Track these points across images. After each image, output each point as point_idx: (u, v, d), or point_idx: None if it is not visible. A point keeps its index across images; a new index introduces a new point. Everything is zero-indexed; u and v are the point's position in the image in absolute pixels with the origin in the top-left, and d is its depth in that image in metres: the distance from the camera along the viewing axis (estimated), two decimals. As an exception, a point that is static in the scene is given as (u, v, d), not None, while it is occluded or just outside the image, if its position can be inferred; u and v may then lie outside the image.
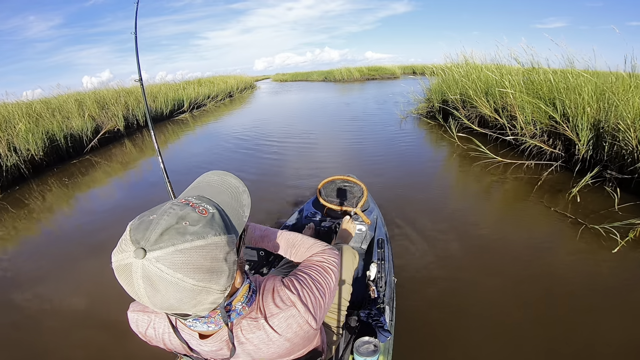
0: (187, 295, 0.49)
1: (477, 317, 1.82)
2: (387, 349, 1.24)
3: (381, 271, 1.48)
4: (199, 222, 0.51)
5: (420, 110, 7.45)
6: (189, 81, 14.39)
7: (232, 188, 0.67)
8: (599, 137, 3.36)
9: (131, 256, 0.47)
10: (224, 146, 6.14)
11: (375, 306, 1.31)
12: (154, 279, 0.47)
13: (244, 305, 0.64)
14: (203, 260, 0.49)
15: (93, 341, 1.85)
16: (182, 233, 0.49)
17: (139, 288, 0.48)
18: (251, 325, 0.64)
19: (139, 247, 0.47)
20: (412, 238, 2.57)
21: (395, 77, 21.96)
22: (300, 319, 0.65)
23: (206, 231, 0.51)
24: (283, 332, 0.64)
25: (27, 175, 4.99)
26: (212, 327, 0.62)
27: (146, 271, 0.47)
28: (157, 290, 0.48)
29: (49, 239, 3.20)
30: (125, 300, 0.61)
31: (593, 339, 1.64)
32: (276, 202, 3.35)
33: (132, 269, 0.47)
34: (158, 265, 0.47)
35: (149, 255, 0.47)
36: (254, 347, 0.65)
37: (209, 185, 0.66)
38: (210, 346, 0.65)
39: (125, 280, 0.49)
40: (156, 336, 0.71)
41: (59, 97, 8.16)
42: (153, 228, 0.49)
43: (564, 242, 2.48)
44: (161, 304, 0.50)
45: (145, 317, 0.71)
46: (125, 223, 0.51)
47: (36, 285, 2.40)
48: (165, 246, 0.47)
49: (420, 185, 3.67)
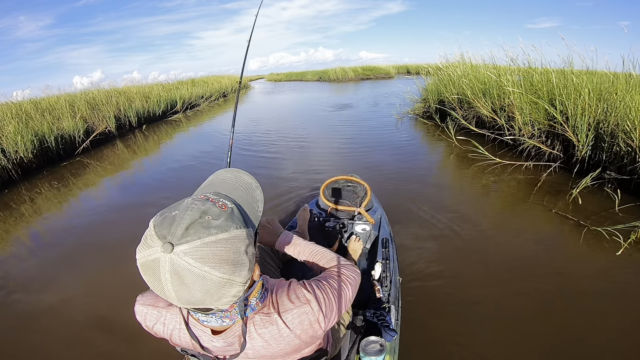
0: (212, 288, 0.50)
1: (482, 317, 1.83)
2: (394, 348, 1.25)
3: (386, 270, 1.49)
4: (220, 216, 0.53)
5: (416, 111, 7.43)
6: (182, 81, 14.24)
7: (245, 184, 0.68)
8: (599, 137, 3.36)
9: (159, 251, 0.48)
10: (218, 147, 6.06)
11: (381, 305, 1.31)
12: (182, 272, 0.48)
13: (257, 301, 0.66)
14: (227, 252, 0.51)
15: (87, 342, 1.84)
16: (206, 227, 0.50)
17: (166, 283, 0.49)
18: (264, 320, 0.66)
19: (166, 241, 0.48)
20: (414, 238, 2.57)
21: (389, 77, 22.02)
22: (312, 317, 0.67)
23: (228, 224, 0.53)
24: (294, 328, 0.66)
25: (16, 178, 4.86)
26: (226, 322, 0.64)
27: (174, 265, 0.48)
28: (185, 285, 0.49)
29: (41, 242, 3.13)
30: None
31: (598, 342, 1.63)
32: (278, 203, 3.33)
33: (160, 264, 0.49)
34: (186, 259, 0.48)
35: (177, 249, 0.48)
36: (264, 343, 0.66)
37: (223, 182, 0.68)
38: (222, 342, 0.67)
39: (152, 276, 0.50)
40: (164, 332, 0.73)
41: (49, 97, 8.00)
42: (178, 223, 0.50)
43: (567, 245, 2.46)
44: (187, 299, 0.51)
45: (155, 312, 0.72)
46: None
47: (28, 288, 2.37)
48: (192, 240, 0.49)
49: (418, 186, 3.63)
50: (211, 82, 16.16)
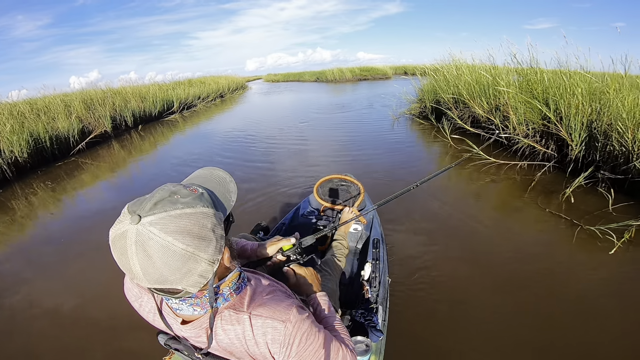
0: (177, 261, 0.52)
1: (471, 318, 1.82)
2: (379, 348, 1.25)
3: (375, 271, 1.47)
4: (188, 196, 0.57)
5: (412, 111, 7.44)
6: (179, 81, 14.22)
7: (219, 178, 0.71)
8: (592, 137, 3.37)
9: (127, 223, 0.52)
10: (214, 147, 6.05)
11: (369, 306, 1.30)
12: (146, 242, 0.51)
13: (231, 292, 0.66)
14: (192, 225, 0.54)
15: (85, 341, 1.84)
16: (173, 202, 0.54)
17: (132, 256, 0.51)
18: (232, 317, 0.65)
19: (135, 214, 0.52)
20: (406, 239, 2.56)
21: (387, 78, 22.04)
22: (279, 337, 0.63)
23: (195, 202, 0.56)
24: (257, 334, 0.64)
25: (10, 178, 4.84)
26: (197, 310, 0.65)
27: (140, 235, 0.51)
28: (149, 257, 0.51)
29: (36, 242, 3.12)
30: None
31: (593, 341, 1.63)
32: (272, 200, 3.32)
33: (127, 236, 0.51)
34: (150, 229, 0.51)
35: (143, 220, 0.52)
36: (229, 341, 0.66)
37: (198, 177, 0.71)
38: (189, 332, 0.68)
39: (120, 250, 0.53)
40: (141, 311, 0.75)
41: (45, 97, 7.98)
42: (148, 200, 0.55)
43: (560, 244, 2.46)
44: (153, 275, 0.52)
45: (136, 290, 0.74)
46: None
47: (24, 288, 2.37)
48: (158, 212, 0.53)
49: (409, 183, 3.63)
50: (208, 83, 16.12)
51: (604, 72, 3.57)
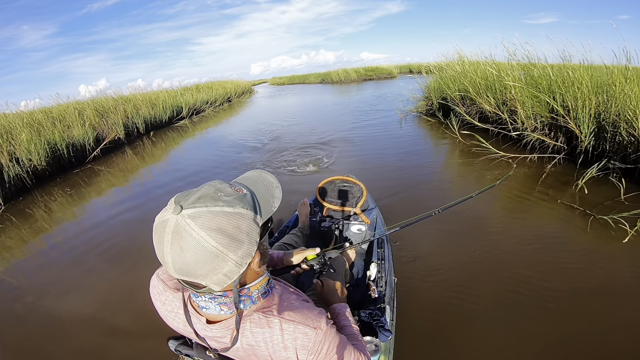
0: (204, 256, 0.54)
1: (480, 315, 1.79)
2: (388, 348, 1.24)
3: (381, 271, 1.48)
4: (232, 195, 0.59)
5: (419, 109, 7.46)
6: (186, 87, 14.41)
7: (267, 182, 0.72)
8: (601, 128, 3.38)
9: (170, 213, 0.55)
10: (225, 152, 6.15)
11: (376, 306, 1.31)
12: (181, 233, 0.54)
13: (259, 295, 0.67)
14: (227, 224, 0.55)
15: (99, 349, 1.85)
16: (215, 199, 0.57)
17: (166, 244, 0.54)
18: (262, 320, 0.65)
19: (178, 205, 0.55)
20: (413, 236, 2.54)
21: (392, 77, 22.01)
22: (308, 343, 0.63)
23: (236, 202, 0.58)
24: (287, 339, 0.63)
25: (30, 186, 4.98)
26: (224, 310, 0.65)
27: (177, 225, 0.54)
28: (180, 247, 0.54)
29: (57, 249, 3.18)
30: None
31: (607, 334, 1.62)
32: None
33: (167, 224, 0.55)
34: (188, 221, 0.54)
35: (184, 212, 0.54)
36: (255, 344, 0.65)
37: (246, 178, 0.73)
38: (215, 332, 0.67)
39: (158, 236, 0.56)
40: (161, 310, 0.75)
41: (59, 106, 8.19)
42: (194, 193, 0.58)
43: (574, 234, 2.47)
44: (180, 264, 0.55)
45: (160, 287, 0.74)
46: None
47: (45, 296, 2.39)
48: (199, 206, 0.55)
49: (423, 183, 3.67)
50: (215, 88, 16.30)
51: (611, 64, 3.57)
